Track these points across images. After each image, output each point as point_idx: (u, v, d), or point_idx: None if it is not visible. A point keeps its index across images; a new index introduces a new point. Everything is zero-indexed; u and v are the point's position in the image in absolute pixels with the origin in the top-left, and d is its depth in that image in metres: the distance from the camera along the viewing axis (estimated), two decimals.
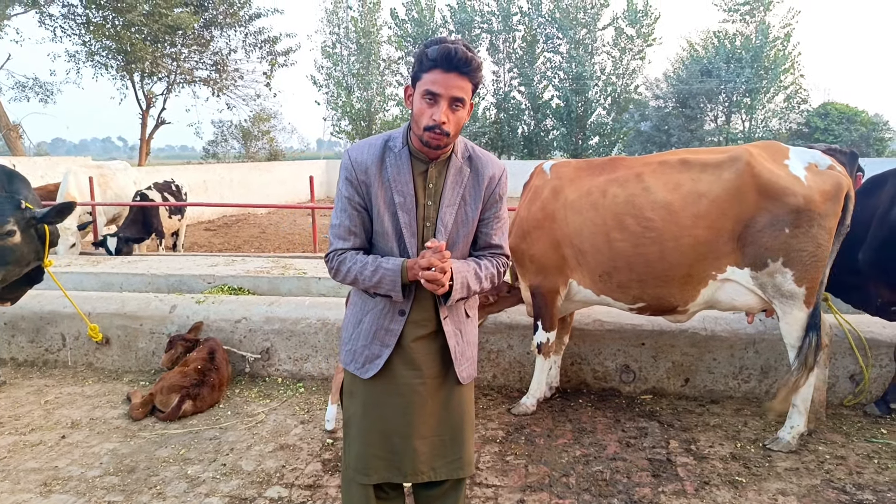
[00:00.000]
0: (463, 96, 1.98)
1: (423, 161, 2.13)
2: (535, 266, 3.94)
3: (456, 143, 2.16)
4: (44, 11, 21.44)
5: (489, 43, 34.06)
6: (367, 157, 2.13)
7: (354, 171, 2.13)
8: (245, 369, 4.84)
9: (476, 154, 2.21)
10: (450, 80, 1.95)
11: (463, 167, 2.17)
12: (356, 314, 2.25)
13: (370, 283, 2.08)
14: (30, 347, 5.15)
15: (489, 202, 2.21)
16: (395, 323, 2.15)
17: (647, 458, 3.52)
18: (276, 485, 3.26)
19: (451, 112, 1.99)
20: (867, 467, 3.39)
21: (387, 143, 2.15)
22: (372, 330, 2.18)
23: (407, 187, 2.10)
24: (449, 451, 2.24)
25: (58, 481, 3.29)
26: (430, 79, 1.96)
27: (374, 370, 2.17)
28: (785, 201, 3.36)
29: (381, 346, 2.16)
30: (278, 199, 22.77)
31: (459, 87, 1.97)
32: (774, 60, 31.48)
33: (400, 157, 2.12)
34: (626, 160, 3.88)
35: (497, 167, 2.23)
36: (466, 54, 1.94)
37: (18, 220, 4.02)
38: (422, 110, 2.00)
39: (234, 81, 26.59)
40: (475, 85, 2.02)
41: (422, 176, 2.13)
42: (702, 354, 4.38)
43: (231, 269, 6.37)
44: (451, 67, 1.94)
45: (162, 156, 74.98)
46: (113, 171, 9.98)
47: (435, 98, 1.97)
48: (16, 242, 4.01)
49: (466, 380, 2.27)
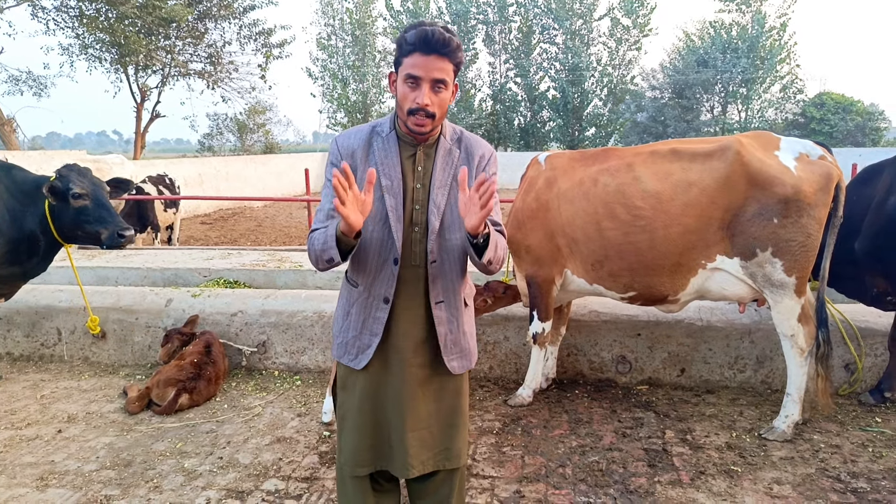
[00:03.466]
0: (444, 77, 1.97)
1: (411, 144, 2.12)
2: (530, 256, 3.94)
3: (444, 126, 2.15)
4: (36, 4, 21.29)
5: (485, 34, 33.92)
6: (353, 141, 2.13)
7: (341, 154, 2.13)
8: (241, 362, 4.83)
9: (465, 136, 2.21)
10: (430, 62, 1.95)
11: (452, 148, 2.16)
12: (344, 306, 2.24)
13: (319, 246, 2.00)
14: (25, 342, 5.14)
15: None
16: (380, 311, 2.14)
17: (643, 449, 3.53)
18: (273, 477, 3.26)
19: (434, 94, 1.98)
20: (862, 456, 3.41)
21: (374, 129, 2.15)
22: (360, 320, 2.17)
23: (394, 171, 2.09)
24: (438, 442, 2.23)
25: (54, 475, 3.29)
26: (411, 62, 1.96)
27: (365, 360, 2.16)
28: (774, 191, 3.37)
29: (371, 336, 2.15)
30: (274, 192, 22.74)
31: (440, 69, 1.96)
32: (770, 50, 31.44)
33: (387, 140, 2.11)
34: (618, 150, 3.88)
35: (486, 148, 2.22)
36: (444, 35, 1.93)
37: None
38: (405, 94, 1.99)
39: (228, 74, 26.48)
40: (456, 65, 2.01)
41: (410, 160, 2.12)
42: (697, 345, 4.39)
43: (227, 262, 6.35)
44: (431, 49, 1.94)
45: (157, 149, 74.83)
46: (110, 165, 9.93)
47: (416, 81, 1.97)
48: (86, 204, 4.07)
49: (457, 370, 2.24)
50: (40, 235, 4.11)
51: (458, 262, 2.17)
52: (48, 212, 4.04)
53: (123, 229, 4.09)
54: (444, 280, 2.15)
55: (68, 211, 4.04)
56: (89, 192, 4.07)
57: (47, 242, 4.14)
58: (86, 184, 4.08)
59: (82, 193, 4.02)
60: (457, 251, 2.15)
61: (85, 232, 4.11)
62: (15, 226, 4.05)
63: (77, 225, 4.08)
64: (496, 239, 2.03)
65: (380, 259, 2.11)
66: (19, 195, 4.09)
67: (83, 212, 4.05)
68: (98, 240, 4.10)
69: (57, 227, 4.08)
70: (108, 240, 4.07)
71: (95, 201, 4.08)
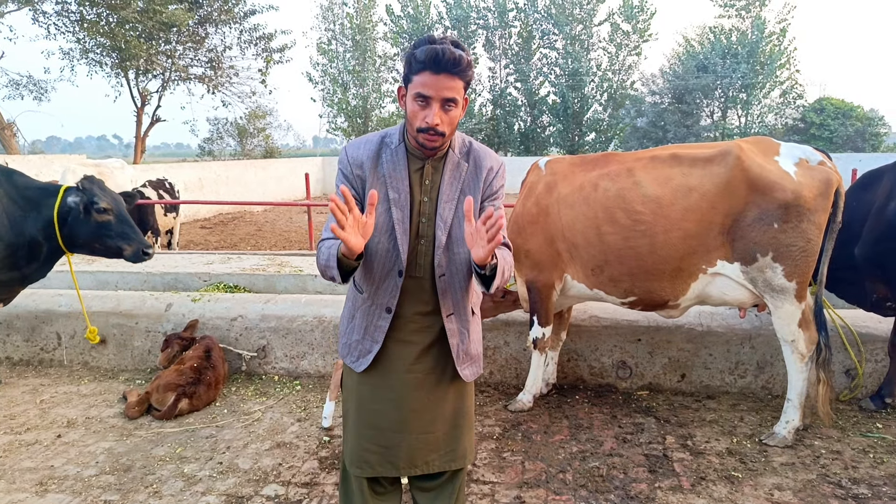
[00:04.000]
0: (454, 96, 1.96)
1: (420, 158, 2.12)
2: (530, 261, 3.94)
3: (453, 138, 2.14)
4: (37, 8, 21.32)
5: (485, 39, 33.99)
6: (362, 152, 2.13)
7: (350, 165, 2.12)
8: (241, 367, 4.83)
9: (474, 148, 2.20)
10: (440, 81, 1.92)
11: (461, 162, 2.15)
12: (350, 309, 2.25)
13: (323, 263, 2.01)
14: (25, 346, 5.13)
15: (487, 193, 2.19)
16: (382, 320, 2.14)
17: (644, 454, 3.52)
18: (273, 483, 3.25)
19: (444, 113, 1.97)
20: (863, 462, 3.40)
21: (383, 140, 2.14)
22: (363, 325, 2.17)
23: (402, 183, 2.09)
24: (443, 444, 2.23)
25: (53, 480, 3.28)
26: (420, 81, 1.94)
27: (365, 364, 2.17)
28: (774, 196, 3.37)
29: (372, 342, 2.16)
30: (274, 196, 22.74)
31: (450, 88, 1.94)
32: (770, 56, 31.51)
33: (396, 153, 2.11)
34: (618, 155, 3.88)
35: (495, 160, 2.22)
36: (454, 54, 1.90)
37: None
38: (414, 113, 1.99)
39: (229, 78, 26.50)
40: (466, 83, 1.99)
41: (418, 173, 2.12)
42: (698, 350, 4.38)
43: (227, 266, 6.35)
44: (441, 69, 1.91)
45: (157, 153, 74.93)
46: (111, 170, 9.93)
47: (426, 101, 1.95)
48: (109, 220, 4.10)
49: (469, 378, 2.25)
50: (42, 241, 4.10)
51: (465, 274, 2.17)
52: (56, 220, 4.04)
53: (147, 247, 4.17)
54: (453, 293, 2.16)
55: (89, 224, 4.05)
56: (113, 207, 4.10)
57: (50, 249, 4.14)
58: (109, 199, 4.11)
59: (107, 209, 4.05)
60: (464, 264, 2.15)
61: (105, 246, 4.13)
62: (14, 231, 4.04)
63: (97, 238, 4.10)
64: (503, 265, 2.02)
65: (384, 270, 2.11)
66: (20, 200, 4.09)
67: (106, 226, 4.08)
68: (118, 254, 4.15)
69: (68, 236, 4.08)
70: (133, 256, 4.14)
71: (119, 217, 4.13)
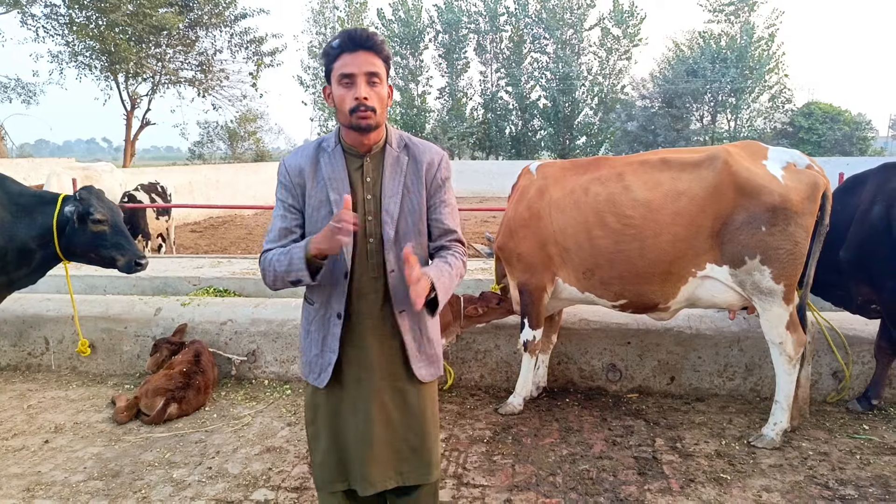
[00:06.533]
0: (377, 70, 2.01)
1: (358, 156, 2.12)
2: (522, 264, 3.96)
3: (390, 133, 2.16)
4: (26, 11, 21.24)
5: (476, 43, 34.15)
6: (300, 160, 2.14)
7: (289, 174, 2.14)
8: (231, 372, 4.81)
9: (412, 142, 2.20)
10: (358, 57, 2.00)
11: (400, 156, 2.15)
12: (304, 325, 2.22)
13: (282, 269, 2.02)
14: (12, 351, 5.09)
15: (432, 187, 2.18)
16: (335, 327, 2.11)
17: (633, 457, 3.54)
18: (263, 487, 3.24)
19: (370, 88, 2.01)
20: (850, 463, 3.43)
21: (320, 145, 2.16)
22: (319, 337, 2.15)
23: (343, 184, 2.08)
24: (413, 455, 2.19)
25: (41, 486, 3.26)
26: (341, 63, 2.01)
27: (326, 378, 2.13)
28: (762, 199, 3.41)
29: (330, 353, 2.12)
30: (265, 200, 22.60)
31: (370, 63, 2.00)
32: (759, 60, 31.79)
33: (334, 155, 2.12)
34: (609, 160, 3.91)
35: (436, 153, 2.22)
36: (367, 31, 2.02)
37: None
38: (342, 96, 2.02)
39: (219, 82, 26.49)
40: (385, 60, 2.05)
41: (358, 171, 2.11)
42: (687, 353, 4.41)
43: (217, 270, 6.33)
44: (357, 46, 2.00)
45: (147, 157, 74.37)
46: (99, 173, 9.89)
47: (351, 78, 2.00)
48: (104, 230, 4.06)
49: (426, 378, 2.21)
50: (35, 248, 4.08)
51: None
52: (55, 228, 4.04)
53: (140, 258, 4.14)
54: (404, 289, 2.07)
55: (85, 234, 4.05)
56: (109, 218, 4.10)
57: (44, 256, 4.12)
58: (105, 209, 4.11)
59: (103, 220, 4.04)
60: None
61: (99, 255, 4.13)
62: (2, 235, 4.03)
63: (92, 248, 4.10)
64: (444, 285, 2.04)
65: (331, 275, 2.09)
66: (11, 206, 4.08)
67: (101, 237, 4.07)
68: (112, 264, 4.14)
69: (66, 245, 4.07)
70: (125, 267, 4.13)
71: (114, 228, 4.12)
